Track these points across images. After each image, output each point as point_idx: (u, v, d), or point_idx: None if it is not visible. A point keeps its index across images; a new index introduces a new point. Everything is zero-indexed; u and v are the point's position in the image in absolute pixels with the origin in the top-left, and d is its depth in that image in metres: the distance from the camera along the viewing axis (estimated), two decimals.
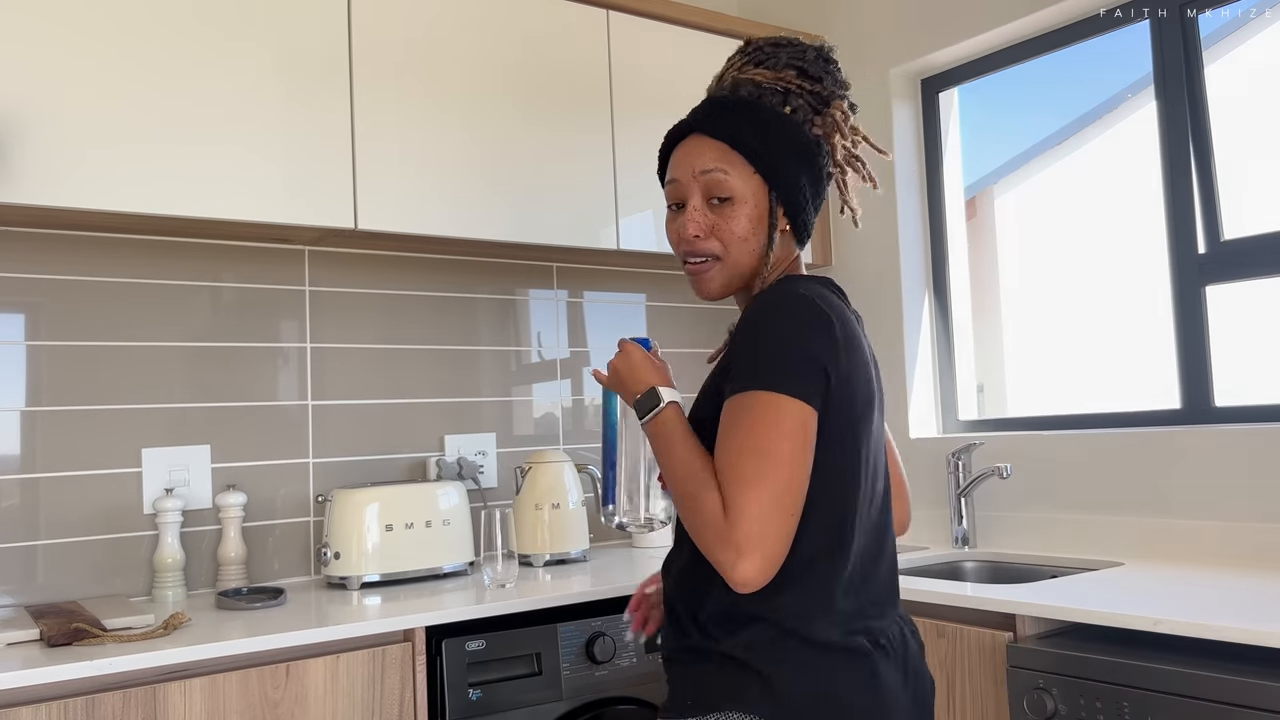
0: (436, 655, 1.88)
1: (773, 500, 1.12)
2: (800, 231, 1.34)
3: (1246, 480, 2.01)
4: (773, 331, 1.18)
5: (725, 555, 1.11)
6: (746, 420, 1.15)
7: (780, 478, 1.12)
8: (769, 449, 1.13)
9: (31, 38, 1.82)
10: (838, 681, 1.16)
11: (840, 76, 1.36)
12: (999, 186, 3.94)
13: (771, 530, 1.11)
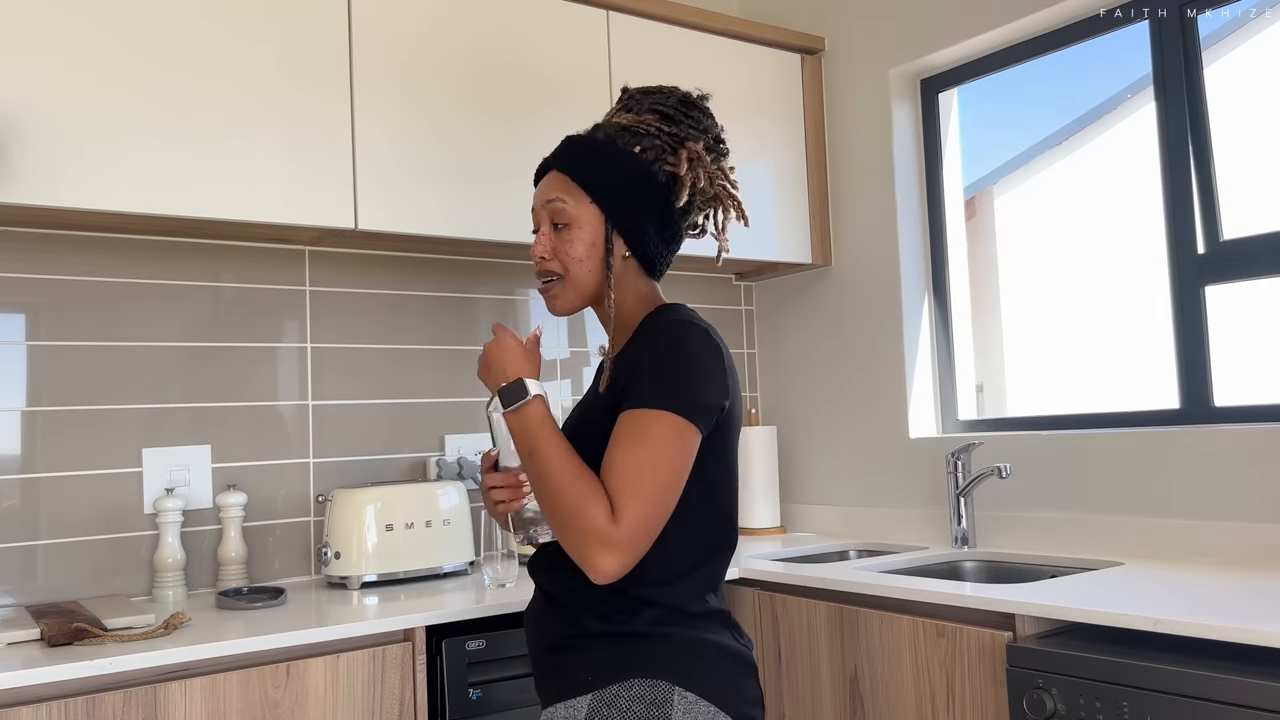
0: (437, 655, 1.88)
1: (655, 513, 1.28)
2: (647, 262, 1.48)
3: (1246, 480, 2.02)
4: (686, 360, 1.34)
5: (599, 553, 1.25)
6: (654, 437, 1.29)
7: (667, 495, 1.30)
8: (666, 467, 1.29)
9: (31, 38, 1.82)
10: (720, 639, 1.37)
11: (704, 121, 1.51)
12: (999, 187, 3.95)
13: (646, 538, 1.28)
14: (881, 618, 1.94)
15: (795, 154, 2.86)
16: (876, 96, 2.79)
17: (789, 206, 2.82)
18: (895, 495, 2.71)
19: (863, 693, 1.99)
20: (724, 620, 1.41)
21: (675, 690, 1.30)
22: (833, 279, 2.91)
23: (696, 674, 1.32)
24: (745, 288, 3.17)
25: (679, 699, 1.30)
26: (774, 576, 2.16)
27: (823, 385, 2.93)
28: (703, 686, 1.32)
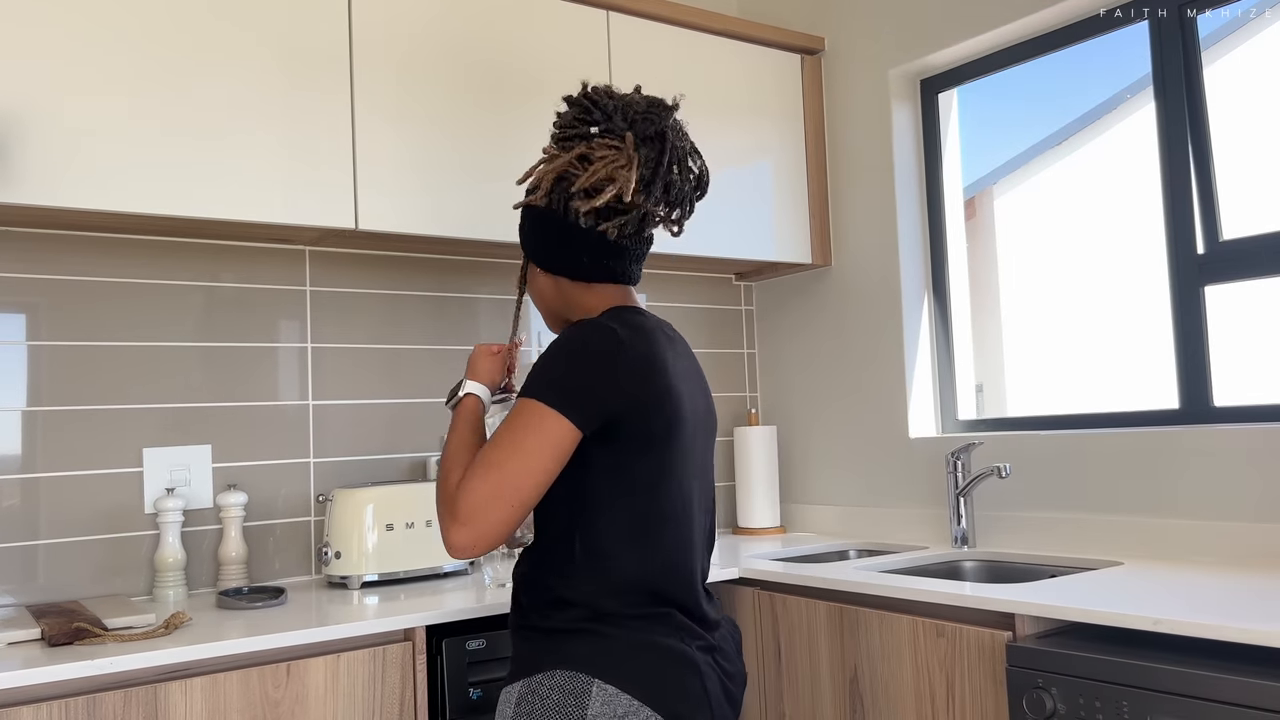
0: (437, 654, 1.88)
1: (497, 490, 1.35)
2: (568, 273, 1.57)
3: (1245, 480, 2.02)
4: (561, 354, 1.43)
5: (446, 524, 1.37)
6: (511, 422, 1.40)
7: (514, 475, 1.36)
8: (512, 447, 1.37)
9: (31, 38, 1.82)
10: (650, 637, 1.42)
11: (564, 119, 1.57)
12: (998, 187, 3.95)
13: (487, 512, 1.35)
14: (881, 617, 1.95)
15: (795, 154, 2.86)
16: (876, 97, 2.79)
17: (789, 206, 2.83)
18: (895, 495, 2.71)
19: (862, 692, 1.99)
20: (665, 620, 1.45)
21: (594, 682, 1.37)
22: (833, 279, 2.91)
23: (617, 669, 1.38)
24: (745, 288, 3.17)
25: (597, 690, 1.37)
26: (774, 576, 2.16)
27: (823, 385, 2.93)
28: (624, 681, 1.38)
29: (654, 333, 1.50)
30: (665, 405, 1.46)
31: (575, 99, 1.57)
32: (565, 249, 1.55)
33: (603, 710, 1.36)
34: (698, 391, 1.57)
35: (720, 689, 1.47)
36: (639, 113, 1.54)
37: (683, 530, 1.49)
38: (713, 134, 2.69)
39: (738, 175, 2.72)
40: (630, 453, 1.44)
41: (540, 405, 1.39)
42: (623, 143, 1.51)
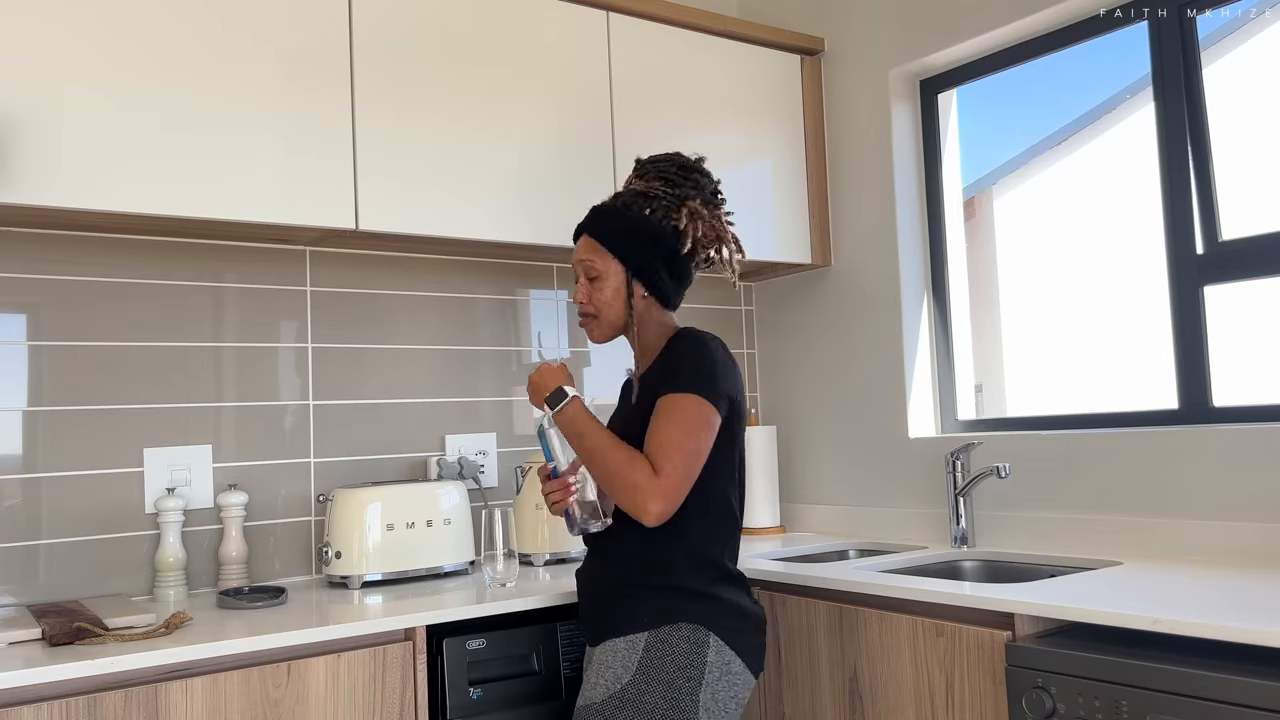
0: (437, 654, 1.89)
1: (687, 469, 1.68)
2: (663, 299, 1.88)
3: (1245, 480, 2.02)
4: (705, 357, 1.75)
5: (646, 501, 1.64)
6: (681, 412, 1.70)
7: (696, 457, 1.69)
8: (692, 433, 1.69)
9: (31, 38, 1.82)
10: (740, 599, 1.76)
11: (701, 180, 1.89)
12: (998, 187, 3.95)
13: (682, 489, 1.67)
14: (881, 617, 1.95)
15: (795, 154, 2.86)
16: (876, 97, 2.79)
17: (789, 207, 2.83)
18: (895, 495, 2.71)
19: (862, 692, 1.99)
20: (743, 584, 1.80)
21: (711, 635, 1.68)
22: (832, 279, 2.91)
23: (725, 625, 1.70)
24: (745, 288, 3.17)
25: (714, 642, 1.68)
26: (774, 576, 2.17)
27: (823, 385, 2.94)
28: (728, 635, 1.70)
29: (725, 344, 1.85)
30: (742, 403, 1.82)
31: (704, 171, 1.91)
32: (677, 284, 1.90)
33: (717, 659, 1.67)
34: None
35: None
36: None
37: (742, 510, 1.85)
38: (713, 134, 2.69)
39: (738, 176, 2.72)
40: (732, 440, 1.79)
41: (704, 401, 1.71)
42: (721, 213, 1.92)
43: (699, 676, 1.64)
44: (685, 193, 1.87)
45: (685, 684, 1.64)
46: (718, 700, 1.66)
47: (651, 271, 1.85)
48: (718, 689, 1.66)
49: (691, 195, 1.87)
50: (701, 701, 1.64)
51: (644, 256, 1.85)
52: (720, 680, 1.67)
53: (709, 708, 1.64)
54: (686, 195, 1.87)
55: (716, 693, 1.66)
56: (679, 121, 2.63)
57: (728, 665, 1.67)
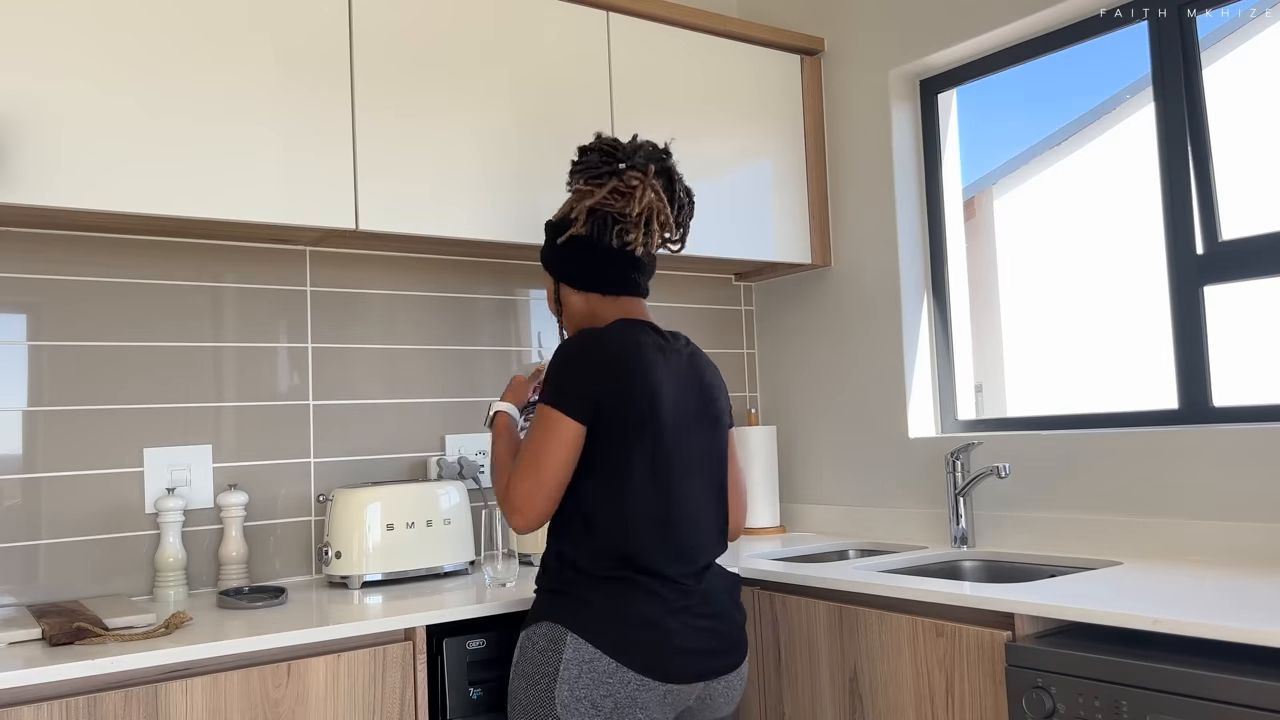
0: (437, 654, 1.89)
1: (534, 481, 1.71)
2: (594, 285, 1.87)
3: (1245, 480, 2.02)
4: (559, 361, 1.76)
5: (506, 514, 1.73)
6: (533, 425, 1.74)
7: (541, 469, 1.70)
8: (534, 441, 1.72)
9: (31, 38, 1.82)
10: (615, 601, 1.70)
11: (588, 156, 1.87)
12: (998, 187, 3.96)
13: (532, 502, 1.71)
14: (881, 617, 1.95)
15: (795, 154, 2.86)
16: (876, 97, 2.79)
17: (789, 207, 2.83)
18: (894, 495, 2.71)
19: (862, 692, 1.99)
20: (636, 585, 1.72)
21: (569, 634, 1.67)
22: (832, 279, 2.91)
23: (587, 623, 1.67)
24: (745, 288, 3.17)
25: (571, 640, 1.67)
26: (774, 576, 2.17)
27: (823, 385, 2.94)
28: (592, 633, 1.67)
29: (639, 338, 1.78)
30: (639, 398, 1.73)
31: (593, 146, 1.87)
32: (601, 268, 1.86)
33: (574, 657, 1.66)
34: (692, 389, 1.83)
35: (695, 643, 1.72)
36: (650, 153, 1.87)
37: (667, 508, 1.75)
38: (713, 134, 2.69)
39: (738, 175, 2.72)
40: (610, 437, 1.72)
41: (550, 409, 1.72)
42: (646, 176, 1.83)
43: (554, 673, 1.65)
44: (573, 181, 1.89)
45: (542, 680, 1.66)
46: (579, 698, 1.64)
47: (565, 268, 1.88)
48: (578, 685, 1.64)
49: (577, 179, 1.88)
50: (558, 698, 1.64)
51: (554, 257, 1.90)
52: (581, 677, 1.65)
53: (569, 706, 1.64)
54: (573, 180, 1.89)
55: (577, 689, 1.64)
56: (679, 121, 2.63)
57: (590, 663, 1.65)
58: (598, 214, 1.83)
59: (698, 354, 1.90)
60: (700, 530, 1.80)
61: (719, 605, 1.80)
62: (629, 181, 1.83)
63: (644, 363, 1.76)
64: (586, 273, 1.86)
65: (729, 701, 1.81)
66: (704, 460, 1.83)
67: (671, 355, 1.83)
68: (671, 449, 1.77)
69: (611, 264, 1.85)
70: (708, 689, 1.76)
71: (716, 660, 1.75)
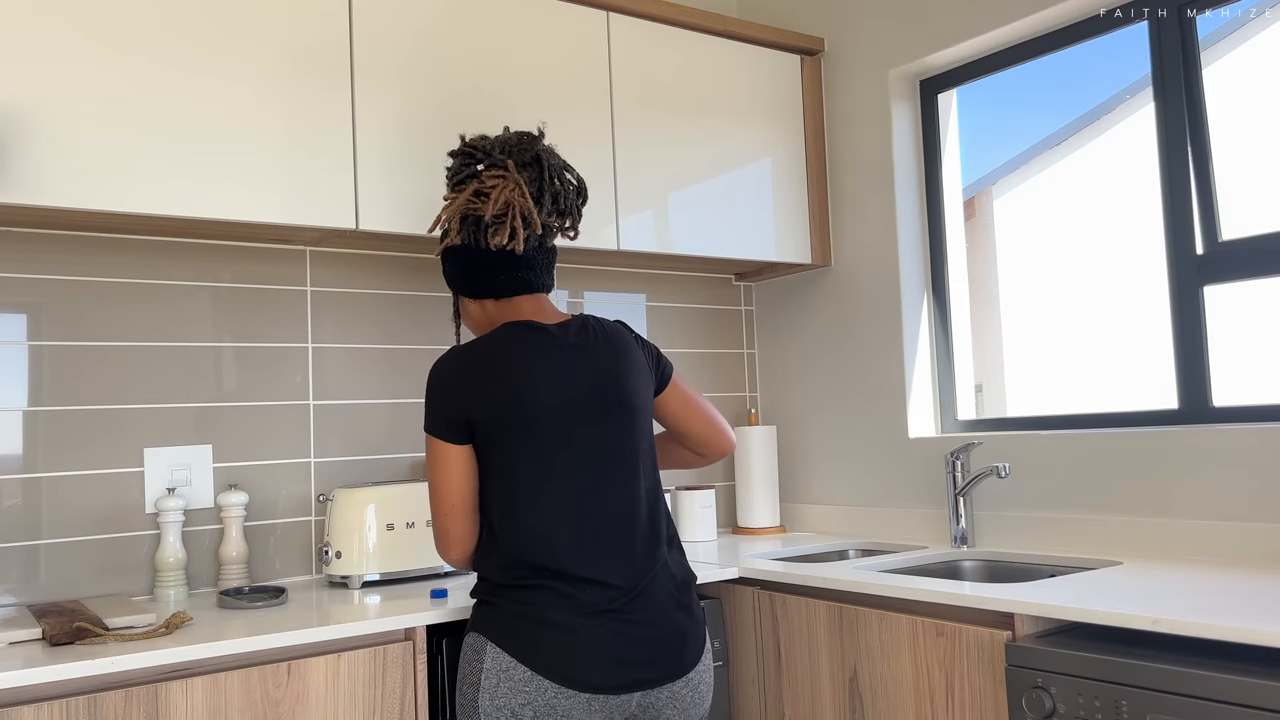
0: (437, 654, 1.89)
1: (437, 512, 1.73)
2: (481, 292, 1.83)
3: (1244, 480, 2.02)
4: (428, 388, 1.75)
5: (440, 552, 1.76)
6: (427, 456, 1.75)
7: (437, 498, 1.73)
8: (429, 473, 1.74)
9: (31, 38, 1.82)
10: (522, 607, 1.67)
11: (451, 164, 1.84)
12: (998, 187, 3.96)
13: (442, 532, 1.74)
14: (881, 617, 1.95)
15: (795, 154, 2.86)
16: (876, 97, 2.79)
17: (789, 207, 2.83)
18: (895, 495, 2.71)
19: (862, 692, 1.99)
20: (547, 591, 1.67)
21: (489, 643, 1.66)
22: (832, 279, 2.91)
23: (502, 632, 1.66)
24: (745, 288, 3.17)
25: (490, 649, 1.66)
26: (773, 576, 2.17)
27: (823, 385, 2.94)
28: (507, 642, 1.65)
29: (511, 340, 1.73)
30: (509, 400, 1.69)
31: (457, 150, 1.83)
32: (484, 274, 1.81)
33: (493, 666, 1.65)
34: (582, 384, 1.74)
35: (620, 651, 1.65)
36: (513, 145, 1.81)
37: (562, 508, 1.69)
38: (713, 134, 2.69)
39: (738, 175, 2.72)
40: (494, 445, 1.71)
41: (429, 438, 1.73)
42: (507, 171, 1.77)
43: (477, 682, 1.65)
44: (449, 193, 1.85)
45: (468, 689, 1.66)
46: (500, 707, 1.62)
47: (454, 278, 1.85)
48: (497, 694, 1.62)
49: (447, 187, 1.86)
50: (481, 706, 1.63)
51: (446, 271, 1.87)
52: (500, 686, 1.62)
53: (489, 713, 1.62)
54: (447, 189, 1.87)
55: (497, 698, 1.62)
56: (679, 121, 2.63)
57: (506, 672, 1.62)
58: (468, 220, 1.79)
59: (595, 341, 1.77)
60: (626, 529, 1.71)
61: (657, 611, 1.70)
62: (487, 181, 1.77)
63: (513, 365, 1.70)
64: (473, 281, 1.82)
65: (680, 712, 1.71)
66: (613, 453, 1.73)
67: (556, 350, 1.74)
68: (563, 446, 1.70)
69: (492, 268, 1.80)
70: (647, 698, 1.67)
71: (653, 669, 1.67)
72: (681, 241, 2.59)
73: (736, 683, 2.29)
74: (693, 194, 2.63)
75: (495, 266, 1.80)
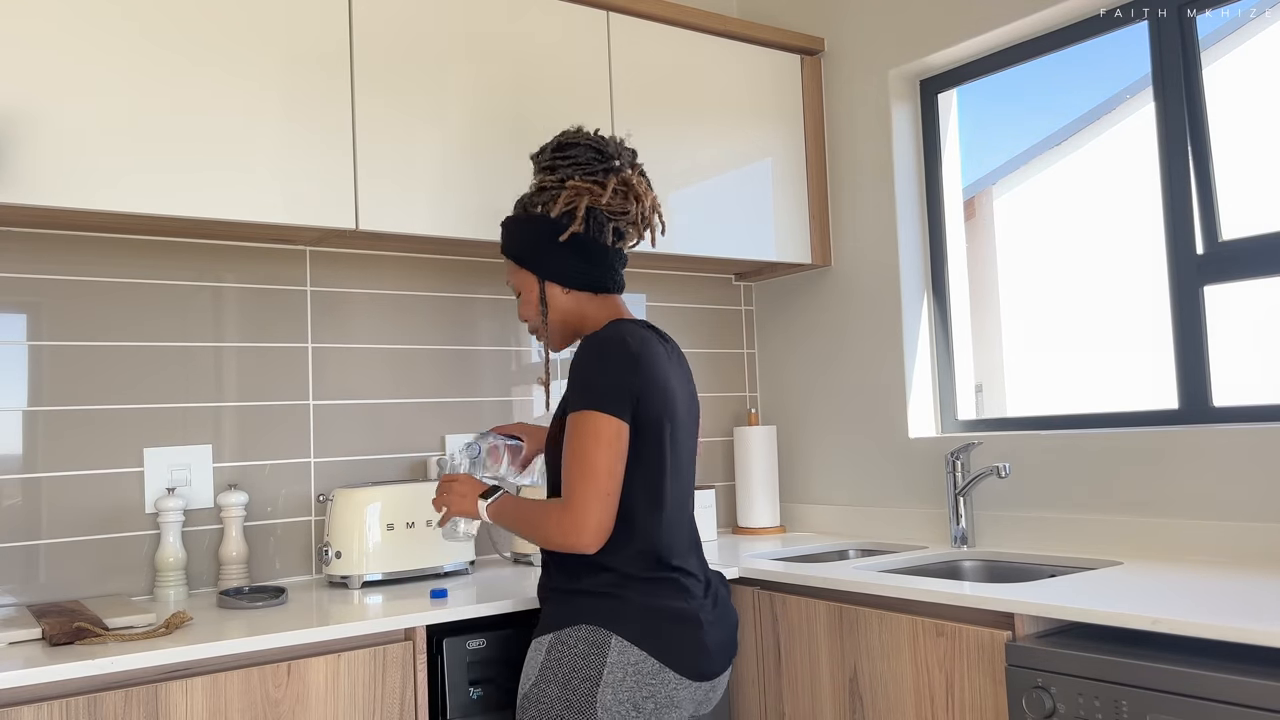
0: (437, 654, 1.89)
1: (593, 490, 1.63)
2: (586, 285, 1.82)
3: (1244, 480, 2.02)
4: (588, 366, 1.68)
5: (568, 540, 1.64)
6: (579, 434, 1.66)
7: (599, 475, 1.64)
8: (587, 454, 1.64)
9: (31, 38, 1.82)
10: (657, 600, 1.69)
11: (576, 153, 1.82)
12: (998, 187, 3.95)
13: (595, 512, 1.63)
14: (881, 617, 1.95)
15: (795, 154, 2.86)
16: (876, 97, 2.79)
17: (789, 207, 2.83)
18: (895, 495, 2.71)
19: (862, 692, 1.99)
20: (672, 584, 1.72)
21: (613, 636, 1.65)
22: (832, 279, 2.91)
23: (632, 626, 1.65)
24: (745, 288, 3.17)
25: (615, 643, 1.64)
26: (773, 576, 2.17)
27: (823, 385, 2.94)
28: (637, 635, 1.65)
29: (649, 335, 1.76)
30: (661, 395, 1.72)
31: (585, 140, 1.83)
32: (597, 268, 1.82)
33: (619, 659, 1.63)
34: (686, 389, 1.84)
35: (717, 639, 1.74)
36: (630, 154, 1.87)
37: (683, 505, 1.79)
38: (713, 134, 2.69)
39: (738, 175, 2.72)
40: (646, 434, 1.70)
41: (589, 414, 1.65)
42: (634, 175, 1.83)
43: (596, 677, 1.62)
44: (565, 173, 1.82)
45: (581, 684, 1.62)
46: (622, 700, 1.62)
47: (559, 267, 1.81)
48: (621, 688, 1.62)
49: (571, 173, 1.82)
50: (600, 701, 1.61)
51: (545, 255, 1.81)
52: (626, 680, 1.62)
53: (610, 707, 1.61)
54: (566, 175, 1.82)
55: (620, 691, 1.62)
56: (679, 121, 2.63)
57: (635, 665, 1.63)
58: (595, 212, 1.80)
59: (678, 353, 1.89)
60: (697, 530, 1.85)
61: (724, 604, 1.82)
62: (633, 182, 1.82)
63: (659, 361, 1.74)
64: (584, 273, 1.81)
65: (718, 696, 1.82)
66: (694, 462, 1.87)
67: (672, 355, 1.83)
68: (681, 448, 1.79)
69: (605, 263, 1.83)
70: (714, 684, 1.76)
71: (723, 657, 1.76)
72: (681, 241, 2.59)
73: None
74: (693, 194, 2.63)
75: (608, 262, 1.83)
